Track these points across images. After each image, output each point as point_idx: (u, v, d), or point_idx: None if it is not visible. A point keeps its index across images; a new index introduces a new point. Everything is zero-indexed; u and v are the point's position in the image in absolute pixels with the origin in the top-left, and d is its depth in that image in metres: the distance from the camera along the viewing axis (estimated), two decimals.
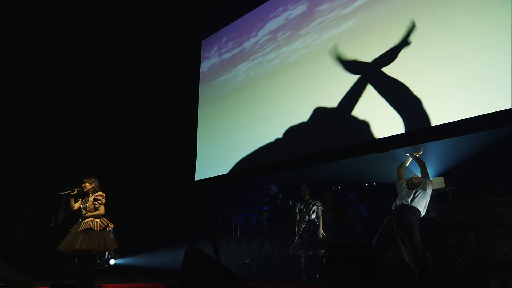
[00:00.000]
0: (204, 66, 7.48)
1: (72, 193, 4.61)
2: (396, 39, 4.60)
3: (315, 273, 5.23)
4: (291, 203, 7.80)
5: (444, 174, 5.13)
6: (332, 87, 5.13)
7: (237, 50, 6.85)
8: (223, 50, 7.18)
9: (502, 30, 3.69)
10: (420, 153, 4.25)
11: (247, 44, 6.67)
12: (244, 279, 4.00)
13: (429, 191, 3.95)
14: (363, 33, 4.95)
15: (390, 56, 4.60)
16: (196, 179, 6.53)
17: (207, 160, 6.61)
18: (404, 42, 4.53)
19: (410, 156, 4.28)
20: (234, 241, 7.33)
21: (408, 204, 3.80)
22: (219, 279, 3.20)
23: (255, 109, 6.09)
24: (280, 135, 5.61)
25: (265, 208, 8.14)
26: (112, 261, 7.30)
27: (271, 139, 5.71)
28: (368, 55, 4.83)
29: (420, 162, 4.10)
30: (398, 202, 3.99)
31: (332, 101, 5.09)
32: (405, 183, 4.12)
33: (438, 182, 4.97)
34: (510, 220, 4.48)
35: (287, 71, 5.75)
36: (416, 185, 4.01)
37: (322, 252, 5.14)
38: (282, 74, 5.83)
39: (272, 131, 5.70)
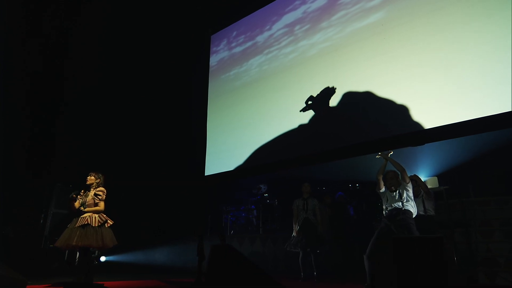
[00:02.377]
0: (213, 61, 7.19)
1: (72, 201, 4.49)
2: (424, 33, 4.45)
3: (312, 270, 5.24)
4: (276, 202, 8.00)
5: (438, 175, 5.60)
6: (354, 81, 4.93)
7: (249, 43, 6.59)
8: (233, 44, 6.91)
9: (501, 38, 3.79)
10: (391, 153, 4.34)
11: (260, 38, 6.42)
12: None
13: (411, 190, 4.12)
14: (390, 26, 4.77)
15: None
16: (206, 174, 6.20)
17: (217, 155, 6.27)
18: None
19: (389, 160, 4.31)
20: (226, 238, 7.28)
21: (401, 208, 3.97)
22: (249, 275, 3.09)
23: (269, 103, 5.82)
24: (297, 131, 5.36)
25: (253, 206, 8.31)
26: (102, 258, 7.13)
27: (287, 135, 5.45)
28: (396, 50, 4.65)
29: (399, 166, 4.16)
30: (389, 207, 4.08)
31: (356, 95, 4.89)
32: (387, 188, 4.23)
33: (432, 182, 5.37)
34: (491, 218, 4.85)
35: (306, 65, 5.52)
36: (396, 186, 4.15)
37: (320, 249, 5.26)
38: (300, 67, 5.59)
39: (290, 125, 5.46)
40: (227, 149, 6.15)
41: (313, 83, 5.41)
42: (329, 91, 5.26)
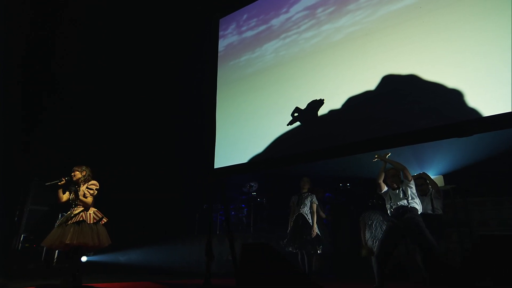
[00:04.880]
0: (220, 46, 6.59)
1: (60, 183, 4.06)
2: (468, 18, 4.06)
3: (311, 269, 5.11)
4: (264, 201, 8.00)
5: (444, 174, 5.62)
6: (381, 68, 4.48)
7: (262, 27, 6.04)
8: (243, 28, 6.34)
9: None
10: (389, 154, 4.29)
11: (275, 22, 5.88)
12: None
13: (414, 187, 4.10)
14: (428, 10, 4.36)
15: None
16: (215, 167, 5.60)
17: (226, 147, 5.68)
18: None
19: (387, 161, 4.24)
20: (217, 238, 7.13)
21: (407, 206, 3.92)
22: (284, 276, 2.96)
23: (286, 91, 5.30)
24: (316, 123, 4.85)
25: (243, 205, 8.27)
26: (84, 258, 6.61)
27: (301, 128, 4.95)
28: (433, 37, 4.23)
29: (400, 165, 4.11)
30: (394, 205, 4.05)
31: (384, 84, 4.44)
32: (389, 186, 4.22)
33: (437, 181, 5.23)
34: (488, 218, 5.01)
35: (331, 50, 5.02)
36: (398, 183, 4.13)
37: (315, 250, 4.97)
38: (324, 53, 5.09)
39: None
40: (236, 141, 5.60)
41: (332, 70, 4.95)
42: (317, 104, 4.89)
